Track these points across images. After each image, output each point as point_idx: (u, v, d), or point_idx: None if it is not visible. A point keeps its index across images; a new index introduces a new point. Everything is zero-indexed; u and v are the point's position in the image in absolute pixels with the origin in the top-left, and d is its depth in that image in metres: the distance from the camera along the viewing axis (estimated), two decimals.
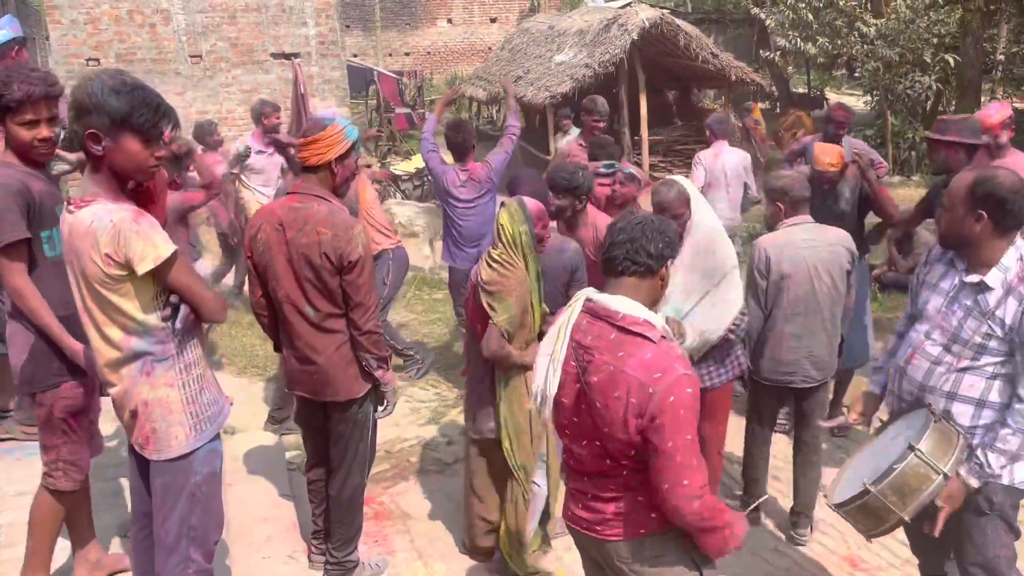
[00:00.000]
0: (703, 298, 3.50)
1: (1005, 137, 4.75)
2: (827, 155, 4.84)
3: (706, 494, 2.09)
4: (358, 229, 3.11)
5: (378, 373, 3.29)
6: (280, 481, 4.26)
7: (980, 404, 2.66)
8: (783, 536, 4.09)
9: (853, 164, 4.93)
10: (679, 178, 3.74)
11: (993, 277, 2.60)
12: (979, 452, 2.61)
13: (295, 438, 4.69)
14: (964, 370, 2.67)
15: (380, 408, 3.49)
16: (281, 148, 6.80)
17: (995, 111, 4.82)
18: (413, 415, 5.56)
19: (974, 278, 2.64)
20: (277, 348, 3.49)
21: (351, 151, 3.17)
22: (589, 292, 2.27)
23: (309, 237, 3.06)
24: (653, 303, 2.25)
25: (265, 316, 3.36)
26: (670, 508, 2.09)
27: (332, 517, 3.52)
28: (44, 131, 2.83)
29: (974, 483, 2.62)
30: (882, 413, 3.09)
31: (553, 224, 3.85)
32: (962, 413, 2.67)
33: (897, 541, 3.64)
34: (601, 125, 6.05)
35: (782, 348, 3.80)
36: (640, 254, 2.18)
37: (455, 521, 4.25)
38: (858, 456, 2.94)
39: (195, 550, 2.52)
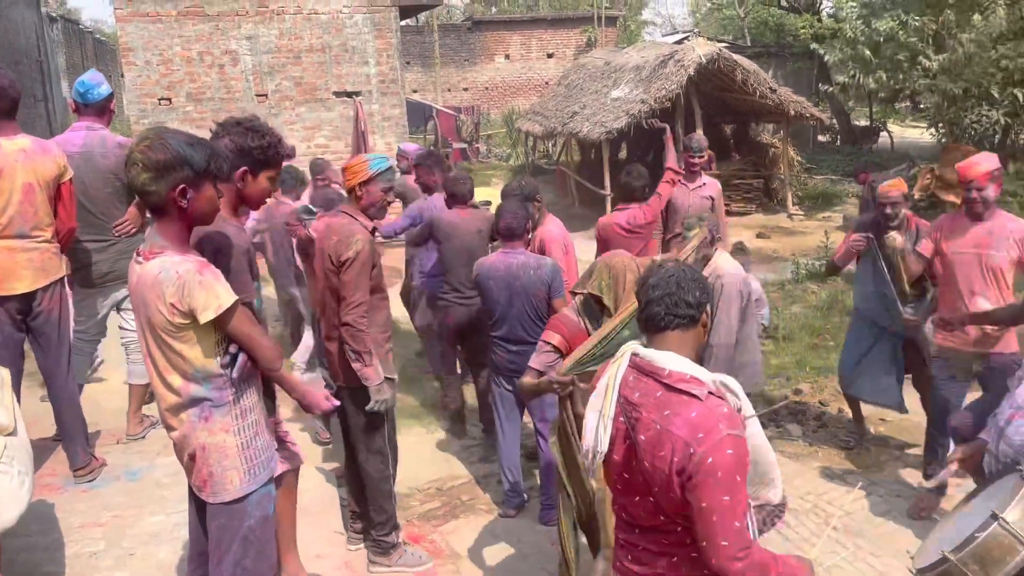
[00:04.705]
0: None
1: (992, 192, 4.20)
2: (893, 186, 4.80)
3: (752, 554, 2.05)
4: (358, 237, 3.59)
5: (355, 366, 3.63)
6: (333, 517, 4.32)
7: None
8: None
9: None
10: None
11: None
12: None
13: None
14: None
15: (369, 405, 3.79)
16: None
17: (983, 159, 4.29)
18: (465, 452, 5.59)
19: None
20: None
21: (373, 180, 3.69)
22: (635, 346, 2.26)
23: (327, 242, 3.68)
24: (698, 352, 2.24)
25: None
26: (713, 567, 2.07)
27: (368, 500, 3.98)
28: (272, 186, 3.03)
29: None
30: None
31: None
32: None
33: None
34: (696, 161, 6.16)
35: None
36: (680, 307, 2.16)
37: (506, 563, 4.24)
38: (948, 520, 2.83)
39: None
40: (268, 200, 3.38)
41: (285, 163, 3.14)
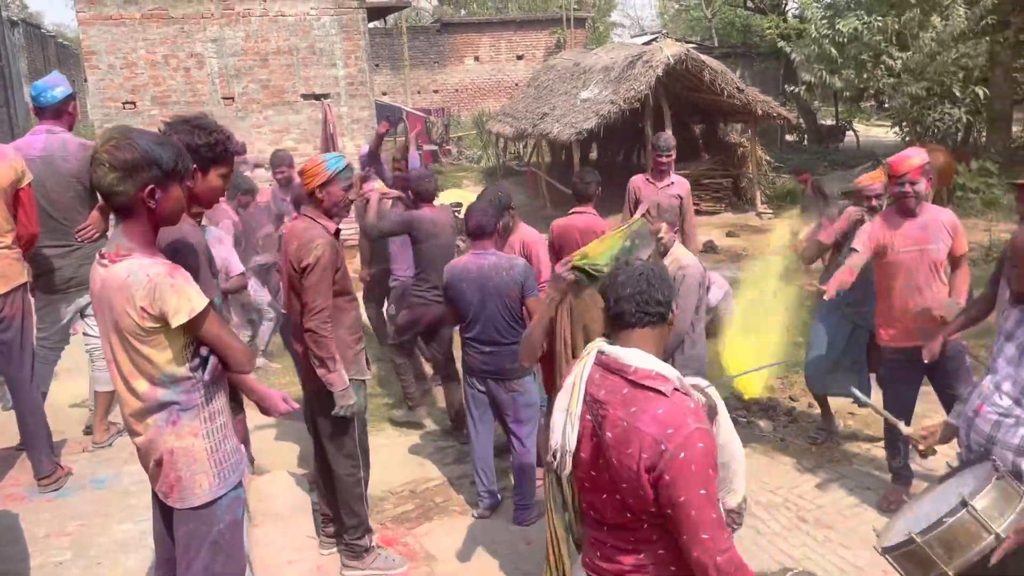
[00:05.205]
0: None
1: (923, 186, 4.18)
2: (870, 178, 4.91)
3: (732, 551, 2.05)
4: (318, 242, 3.57)
5: (320, 372, 3.63)
6: (305, 522, 4.28)
7: None
8: None
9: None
10: None
11: None
12: None
13: None
14: None
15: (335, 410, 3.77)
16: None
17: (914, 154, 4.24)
18: (439, 454, 5.57)
19: None
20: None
21: (332, 180, 3.67)
22: (601, 344, 2.25)
23: (288, 247, 3.69)
24: (662, 349, 2.24)
25: None
26: (693, 561, 2.05)
27: (339, 504, 3.97)
28: (224, 183, 2.97)
29: None
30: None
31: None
32: None
33: None
34: (664, 160, 6.17)
35: None
36: (651, 304, 2.16)
37: (480, 564, 4.23)
38: (917, 502, 2.87)
39: None
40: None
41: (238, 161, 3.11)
